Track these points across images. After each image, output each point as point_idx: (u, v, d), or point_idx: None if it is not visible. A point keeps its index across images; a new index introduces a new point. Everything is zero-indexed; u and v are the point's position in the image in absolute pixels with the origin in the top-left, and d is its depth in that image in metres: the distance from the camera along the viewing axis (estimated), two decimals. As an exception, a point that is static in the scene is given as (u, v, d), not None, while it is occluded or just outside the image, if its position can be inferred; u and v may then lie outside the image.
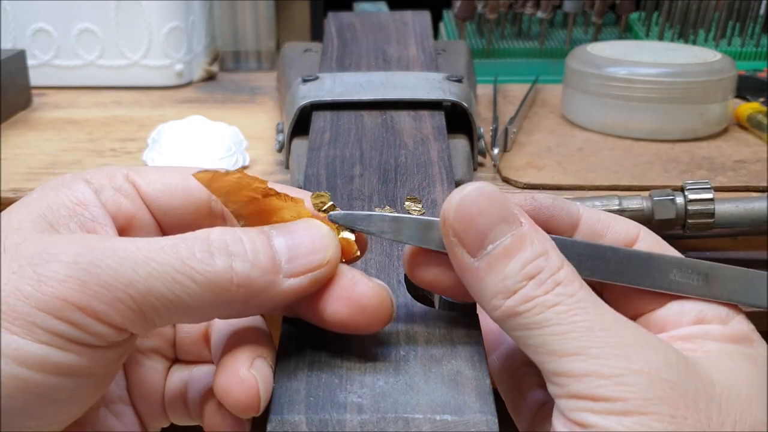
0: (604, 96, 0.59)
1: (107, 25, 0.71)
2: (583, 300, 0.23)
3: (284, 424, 0.23)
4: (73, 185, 0.26)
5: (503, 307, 0.23)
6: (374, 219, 0.26)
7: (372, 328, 0.24)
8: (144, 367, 0.30)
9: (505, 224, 0.24)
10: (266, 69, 0.82)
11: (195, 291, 0.22)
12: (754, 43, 0.81)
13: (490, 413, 0.23)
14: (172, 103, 0.70)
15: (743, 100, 0.66)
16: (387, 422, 0.23)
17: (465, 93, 0.50)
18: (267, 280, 0.23)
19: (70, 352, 0.21)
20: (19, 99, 0.66)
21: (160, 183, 0.27)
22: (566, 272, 0.23)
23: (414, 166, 0.39)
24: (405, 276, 0.30)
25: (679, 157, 0.55)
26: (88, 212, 0.25)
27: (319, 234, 0.25)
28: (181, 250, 0.22)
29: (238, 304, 0.23)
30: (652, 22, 0.86)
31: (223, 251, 0.23)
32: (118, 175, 0.27)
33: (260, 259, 0.23)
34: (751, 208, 0.43)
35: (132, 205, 0.27)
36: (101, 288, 0.21)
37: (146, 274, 0.22)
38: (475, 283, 0.24)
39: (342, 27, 0.64)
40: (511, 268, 0.23)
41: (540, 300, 0.23)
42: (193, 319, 0.24)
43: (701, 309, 0.25)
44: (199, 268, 0.22)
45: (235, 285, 0.23)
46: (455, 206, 0.24)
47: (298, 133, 0.48)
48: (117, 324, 0.22)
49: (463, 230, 0.24)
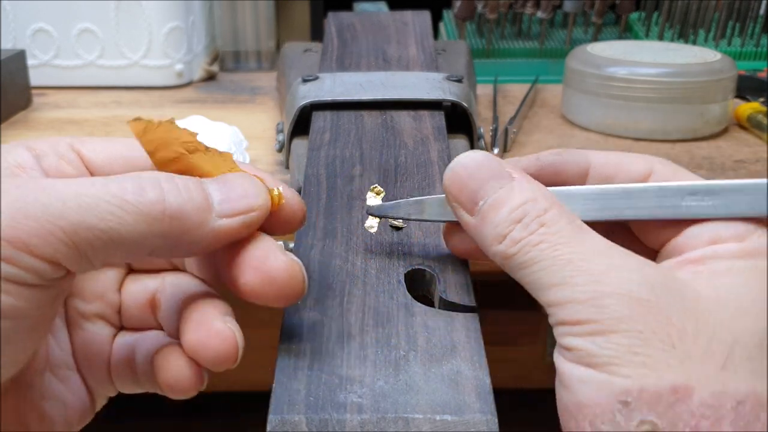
0: (604, 96, 0.59)
1: (107, 25, 0.71)
2: (565, 236, 0.24)
3: (284, 424, 0.23)
4: (12, 150, 0.26)
5: (499, 252, 0.26)
6: (402, 205, 0.30)
7: (282, 301, 0.25)
8: (88, 332, 0.30)
9: (494, 180, 0.26)
10: (266, 69, 0.82)
11: (127, 221, 0.22)
12: (754, 43, 0.81)
13: (490, 413, 0.23)
14: (172, 103, 0.70)
15: (743, 100, 0.66)
16: (387, 422, 0.23)
17: (465, 93, 0.50)
18: (200, 217, 0.24)
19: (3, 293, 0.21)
20: (19, 99, 0.66)
21: (104, 153, 0.28)
22: (552, 214, 0.25)
23: (414, 166, 0.39)
24: (405, 276, 0.30)
25: (679, 157, 0.55)
26: (26, 174, 0.25)
27: (249, 182, 0.26)
28: (111, 186, 0.23)
29: (172, 238, 0.23)
30: (652, 22, 0.86)
31: (155, 186, 0.23)
32: (61, 144, 0.27)
33: (193, 196, 0.24)
34: (751, 208, 0.43)
35: (76, 173, 0.27)
36: (31, 221, 0.21)
37: (76, 206, 0.22)
38: (478, 237, 0.26)
39: (342, 27, 0.64)
40: (501, 216, 0.25)
41: (526, 240, 0.25)
42: (127, 254, 0.24)
43: (717, 229, 0.26)
44: (131, 199, 0.22)
45: (167, 216, 0.23)
46: (449, 173, 0.27)
47: (298, 133, 0.48)
48: (49, 257, 0.22)
49: (458, 192, 0.27)
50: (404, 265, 0.30)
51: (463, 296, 0.29)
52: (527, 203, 0.25)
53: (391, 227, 0.33)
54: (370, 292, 0.29)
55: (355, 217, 0.34)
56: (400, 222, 0.33)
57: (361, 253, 0.31)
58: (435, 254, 0.31)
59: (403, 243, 0.32)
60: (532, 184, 0.26)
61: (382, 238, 0.32)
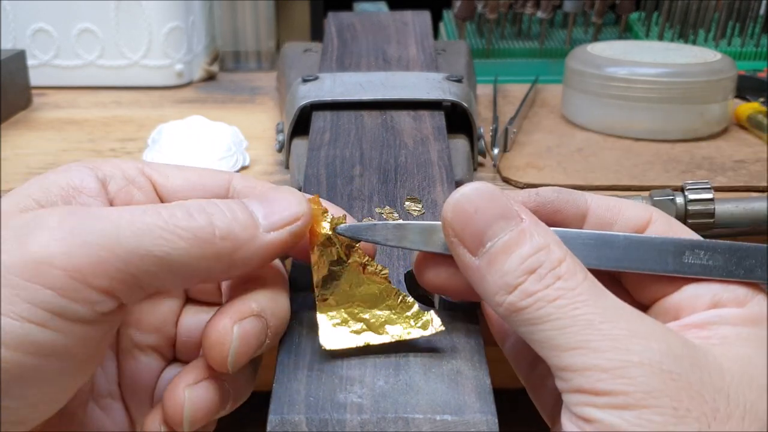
0: (604, 96, 0.59)
1: (107, 25, 0.71)
2: (584, 293, 0.23)
3: (284, 424, 0.23)
4: (74, 170, 0.26)
5: (505, 304, 0.23)
6: (378, 228, 0.27)
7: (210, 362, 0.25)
8: (140, 362, 0.30)
9: (503, 221, 0.24)
10: (266, 69, 0.82)
11: (181, 246, 0.22)
12: (754, 43, 0.81)
13: (490, 413, 0.23)
14: (172, 103, 0.70)
15: (743, 100, 0.66)
16: (387, 422, 0.23)
17: (465, 93, 0.50)
18: (249, 234, 0.24)
19: (52, 329, 0.21)
20: (19, 99, 0.66)
21: (180, 178, 0.28)
22: (568, 265, 0.23)
23: (414, 166, 0.39)
24: (405, 276, 0.30)
25: (679, 157, 0.55)
26: (81, 198, 0.25)
27: (289, 194, 0.26)
28: (162, 212, 0.23)
29: (225, 258, 0.24)
30: (652, 22, 0.86)
31: (201, 211, 0.23)
32: (131, 168, 0.27)
33: (238, 216, 0.24)
34: (751, 208, 0.44)
35: (145, 198, 0.27)
36: (87, 248, 0.21)
37: (131, 233, 0.22)
38: (479, 282, 0.24)
39: (342, 27, 0.64)
40: (511, 264, 0.23)
41: (540, 295, 0.23)
42: (181, 279, 0.24)
43: (717, 291, 0.25)
44: (183, 224, 0.23)
45: (218, 237, 0.23)
46: (452, 206, 0.24)
47: (298, 133, 0.48)
48: (105, 287, 0.22)
49: (461, 229, 0.24)
50: (404, 265, 0.30)
51: (463, 296, 0.29)
52: (540, 252, 0.23)
53: None
54: (370, 292, 0.29)
55: (355, 216, 0.34)
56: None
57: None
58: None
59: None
60: (541, 228, 0.24)
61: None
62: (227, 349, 0.24)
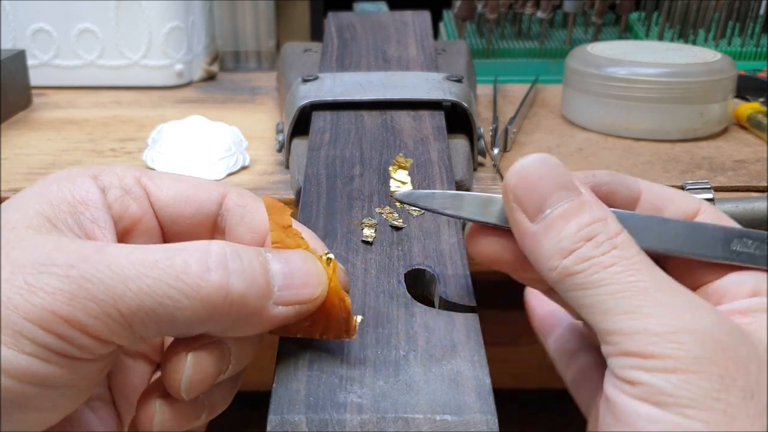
0: (604, 96, 0.59)
1: (107, 25, 0.71)
2: (639, 263, 0.23)
3: (284, 424, 0.23)
4: (78, 180, 0.26)
5: (560, 267, 0.24)
6: (437, 197, 0.28)
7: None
8: (129, 368, 0.30)
9: (565, 191, 0.25)
10: (266, 69, 0.82)
11: (186, 306, 0.22)
12: (754, 43, 0.81)
13: (490, 413, 0.23)
14: (172, 103, 0.70)
15: (743, 100, 0.66)
16: (387, 422, 0.23)
17: (465, 93, 0.50)
18: (260, 304, 0.23)
19: (53, 364, 0.21)
20: (19, 99, 0.66)
21: (173, 190, 0.27)
22: (623, 238, 0.24)
23: (414, 166, 0.39)
24: (405, 276, 0.30)
25: (679, 157, 0.55)
26: (89, 212, 0.25)
27: (313, 268, 0.25)
28: (176, 263, 0.22)
29: (227, 322, 0.23)
30: (652, 22, 0.86)
31: (221, 265, 0.23)
32: (129, 177, 0.27)
33: (257, 280, 0.23)
34: (751, 208, 0.44)
35: (139, 209, 0.27)
36: (90, 302, 0.21)
37: (137, 290, 0.21)
38: (534, 247, 0.25)
39: (342, 27, 0.64)
40: (569, 230, 0.24)
41: (596, 260, 0.23)
42: (180, 332, 0.24)
43: (759, 280, 0.25)
44: (193, 285, 0.22)
45: (228, 302, 0.22)
46: (517, 171, 0.25)
47: (298, 133, 0.48)
48: (104, 337, 0.22)
49: (523, 194, 0.25)
50: (404, 265, 0.30)
51: (463, 296, 0.29)
52: (597, 222, 0.24)
53: (390, 227, 0.33)
54: (370, 292, 0.29)
55: (355, 217, 0.34)
56: (400, 222, 0.33)
57: (361, 253, 0.31)
58: (435, 254, 0.31)
59: (403, 243, 0.32)
60: (598, 203, 0.25)
61: (382, 238, 0.32)
62: (179, 377, 0.24)
